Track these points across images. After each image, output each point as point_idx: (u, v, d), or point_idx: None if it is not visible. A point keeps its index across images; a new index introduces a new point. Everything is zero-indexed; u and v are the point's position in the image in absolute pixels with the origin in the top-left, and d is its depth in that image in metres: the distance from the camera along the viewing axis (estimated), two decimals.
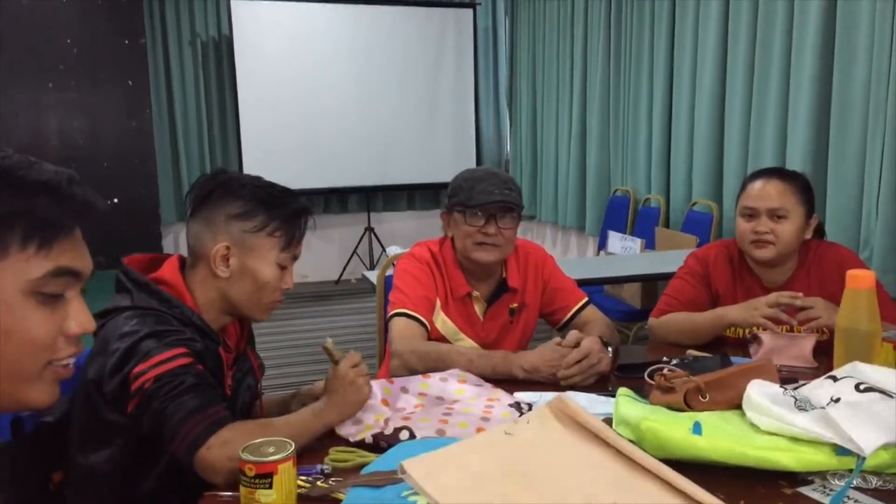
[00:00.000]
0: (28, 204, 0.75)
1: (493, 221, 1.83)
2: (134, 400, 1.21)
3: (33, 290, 0.76)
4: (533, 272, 1.99)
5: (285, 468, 1.02)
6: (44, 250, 0.76)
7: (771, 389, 1.24)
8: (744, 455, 1.11)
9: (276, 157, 5.94)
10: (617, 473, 1.04)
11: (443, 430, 1.30)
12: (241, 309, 1.39)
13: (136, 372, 1.21)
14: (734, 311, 1.81)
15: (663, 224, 4.43)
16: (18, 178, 0.76)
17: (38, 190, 0.76)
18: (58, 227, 0.78)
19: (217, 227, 1.36)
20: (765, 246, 1.85)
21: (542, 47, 5.99)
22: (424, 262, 1.92)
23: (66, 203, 0.78)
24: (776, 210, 1.85)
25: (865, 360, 1.35)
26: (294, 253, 1.41)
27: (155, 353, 1.22)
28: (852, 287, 1.45)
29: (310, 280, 6.40)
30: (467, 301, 1.92)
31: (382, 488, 1.06)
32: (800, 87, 3.33)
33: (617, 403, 1.29)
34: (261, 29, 5.93)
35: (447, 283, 1.91)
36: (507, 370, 1.65)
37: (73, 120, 4.90)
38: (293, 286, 1.44)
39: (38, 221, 0.76)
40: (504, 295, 1.95)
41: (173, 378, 1.21)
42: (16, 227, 0.75)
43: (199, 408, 1.19)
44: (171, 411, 1.18)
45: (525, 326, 1.99)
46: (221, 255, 1.35)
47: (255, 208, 1.36)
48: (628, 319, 3.91)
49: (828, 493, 1.07)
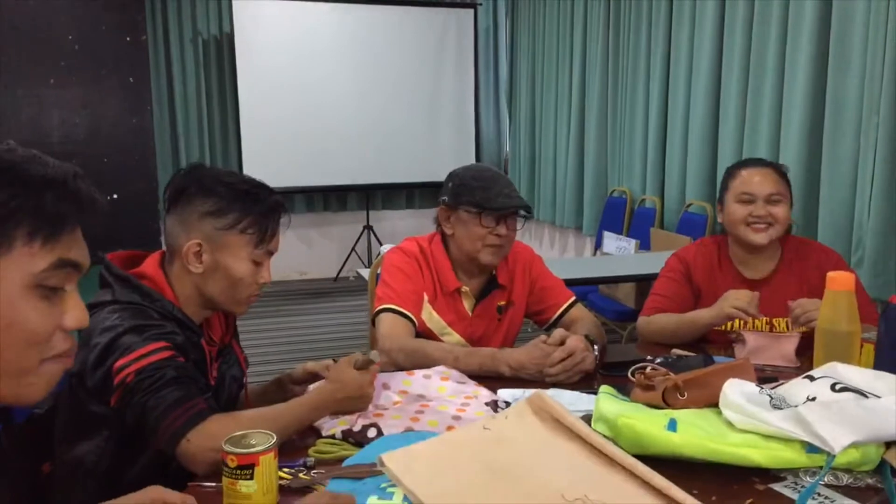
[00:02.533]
0: (35, 199, 0.77)
1: (504, 223, 1.85)
2: (116, 393, 1.24)
3: (36, 283, 0.77)
4: (521, 271, 2.01)
5: (267, 459, 1.04)
6: (49, 244, 0.78)
7: (747, 388, 1.26)
8: (717, 451, 1.13)
9: (276, 154, 5.97)
10: (591, 469, 1.06)
11: (411, 427, 1.31)
12: (218, 303, 1.41)
13: (118, 366, 1.23)
14: (706, 314, 1.85)
15: (659, 225, 4.45)
16: (24, 173, 0.77)
17: (46, 185, 0.77)
18: (63, 222, 0.79)
19: (190, 224, 1.38)
20: (763, 229, 1.91)
21: (541, 48, 6.01)
22: (413, 256, 1.92)
23: (72, 198, 0.79)
24: (772, 195, 1.91)
25: (845, 361, 1.38)
26: (268, 248, 1.42)
27: (136, 347, 1.24)
28: (832, 289, 1.48)
29: (308, 277, 6.43)
30: (456, 296, 1.93)
31: (362, 480, 1.08)
32: (793, 90, 3.35)
33: (597, 400, 1.31)
34: (262, 27, 5.95)
35: (436, 277, 1.92)
36: (494, 368, 1.67)
37: (74, 116, 4.92)
38: (270, 280, 1.45)
39: (45, 216, 0.77)
40: (494, 291, 1.96)
41: (154, 372, 1.23)
42: (23, 221, 0.76)
43: (180, 400, 1.22)
44: (153, 404, 1.21)
45: (510, 325, 2.01)
46: (194, 252, 1.37)
47: (227, 206, 1.37)
48: (622, 319, 3.93)
49: (798, 490, 1.09)
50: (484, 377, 1.63)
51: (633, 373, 1.49)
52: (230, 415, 1.28)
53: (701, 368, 1.42)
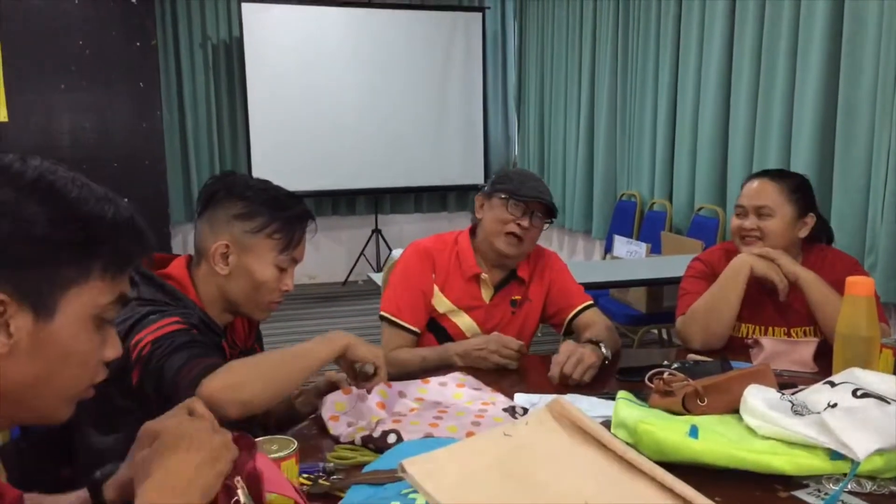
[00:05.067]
0: (117, 236, 0.81)
1: (529, 217, 1.92)
2: (136, 369, 1.25)
3: (99, 314, 0.81)
4: (542, 270, 2.05)
5: (288, 465, 1.04)
6: (116, 279, 0.82)
7: (768, 394, 1.25)
8: (740, 458, 1.12)
9: (285, 158, 5.98)
10: (613, 475, 1.05)
11: (431, 433, 1.30)
12: (240, 307, 1.43)
13: (135, 341, 1.25)
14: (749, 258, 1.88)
15: (669, 229, 4.43)
16: (102, 211, 0.81)
17: (125, 224, 0.82)
18: (131, 261, 0.85)
19: (219, 225, 1.41)
20: (752, 242, 1.92)
21: (550, 52, 6.01)
22: (423, 249, 2.00)
23: (140, 239, 0.85)
24: (760, 208, 1.91)
25: (864, 366, 1.36)
26: (293, 256, 1.45)
27: (153, 322, 1.27)
28: (852, 293, 1.46)
29: (317, 281, 6.43)
30: (474, 283, 1.98)
31: (383, 486, 1.08)
32: (805, 92, 3.34)
33: (616, 406, 1.30)
34: (271, 32, 5.97)
35: (454, 263, 1.98)
36: (448, 359, 1.77)
37: (84, 121, 4.93)
38: (293, 289, 1.47)
39: (122, 253, 0.82)
40: (512, 283, 2.01)
41: (167, 337, 1.25)
42: (103, 256, 0.80)
43: (194, 356, 1.23)
44: (169, 365, 1.22)
45: (526, 321, 2.03)
46: (221, 253, 1.40)
47: (256, 210, 1.40)
48: (633, 323, 3.92)
49: (822, 497, 1.08)
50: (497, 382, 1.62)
51: (651, 378, 1.49)
52: (245, 358, 1.30)
53: (719, 374, 1.41)
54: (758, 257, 1.87)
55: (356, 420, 1.36)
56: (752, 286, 1.92)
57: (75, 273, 0.78)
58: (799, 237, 1.93)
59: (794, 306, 1.88)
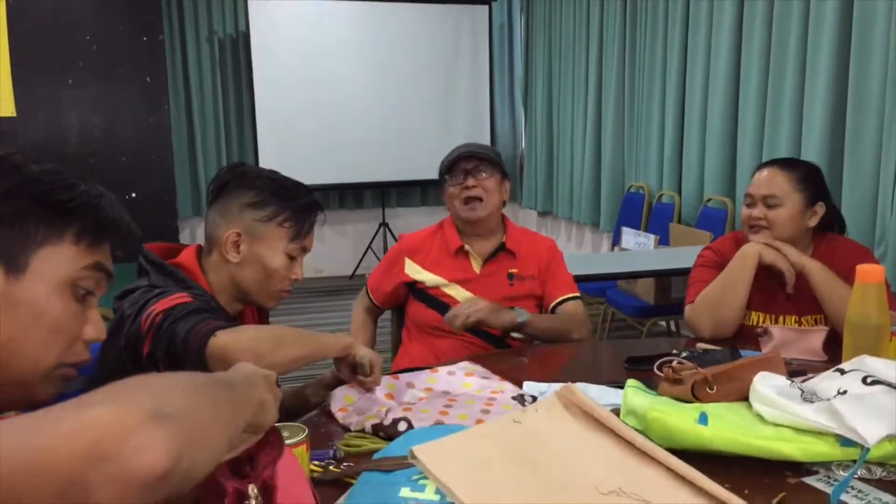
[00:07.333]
0: (96, 202, 0.85)
1: (471, 176, 2.01)
2: (147, 338, 1.25)
3: (73, 280, 0.82)
4: (538, 254, 2.09)
5: (299, 452, 1.04)
6: (91, 248, 0.84)
7: (777, 381, 1.25)
8: (749, 445, 1.12)
9: (292, 152, 5.99)
10: (623, 461, 1.05)
11: (441, 421, 1.30)
12: (250, 295, 1.45)
13: (147, 312, 1.26)
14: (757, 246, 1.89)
15: (677, 220, 4.42)
16: (74, 181, 0.84)
17: (101, 197, 0.86)
18: (107, 234, 0.87)
19: (231, 214, 1.43)
20: (758, 231, 1.92)
21: (557, 44, 5.99)
22: (403, 239, 2.18)
23: (118, 218, 0.88)
24: (767, 197, 1.91)
25: (874, 354, 1.36)
26: (303, 245, 1.47)
27: (164, 297, 1.29)
28: (862, 281, 1.46)
29: (324, 275, 6.45)
30: (463, 256, 2.07)
31: (393, 472, 1.08)
32: (815, 83, 3.32)
33: (625, 394, 1.30)
34: (277, 26, 5.97)
35: (440, 243, 2.10)
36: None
37: (92, 116, 4.95)
38: (302, 277, 1.49)
39: (99, 221, 0.85)
40: (501, 254, 2.06)
41: (179, 307, 1.26)
42: (80, 219, 0.83)
43: (202, 320, 1.24)
44: (180, 328, 1.23)
45: (526, 295, 2.05)
46: (232, 241, 1.41)
47: (267, 198, 1.42)
48: (641, 315, 3.91)
49: (832, 483, 1.08)
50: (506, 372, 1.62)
51: (660, 367, 1.49)
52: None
53: (728, 362, 1.41)
54: (766, 245, 1.87)
55: (365, 410, 1.36)
56: (763, 274, 1.91)
57: (47, 232, 0.80)
58: (809, 226, 1.92)
59: (806, 294, 1.87)
